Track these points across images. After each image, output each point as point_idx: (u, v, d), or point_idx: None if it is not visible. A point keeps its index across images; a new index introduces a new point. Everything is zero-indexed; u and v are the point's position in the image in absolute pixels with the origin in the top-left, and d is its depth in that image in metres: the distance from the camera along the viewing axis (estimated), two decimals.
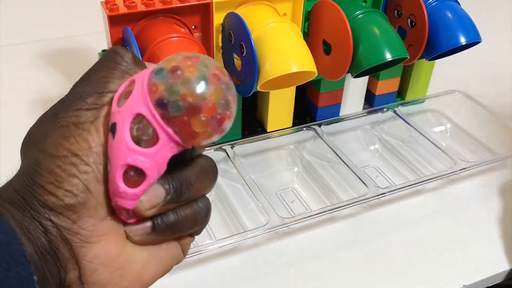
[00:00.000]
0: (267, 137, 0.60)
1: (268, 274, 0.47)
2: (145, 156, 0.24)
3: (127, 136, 0.24)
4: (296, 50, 0.49)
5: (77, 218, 0.24)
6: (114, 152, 0.25)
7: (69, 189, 0.24)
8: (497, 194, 0.57)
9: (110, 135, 0.25)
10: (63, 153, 0.24)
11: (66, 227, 0.24)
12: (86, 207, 0.24)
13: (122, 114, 0.24)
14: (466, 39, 0.54)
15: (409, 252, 0.50)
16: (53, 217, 0.24)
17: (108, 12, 0.47)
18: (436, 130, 0.67)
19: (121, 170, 0.25)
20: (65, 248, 0.24)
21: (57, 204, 0.24)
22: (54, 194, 0.24)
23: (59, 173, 0.24)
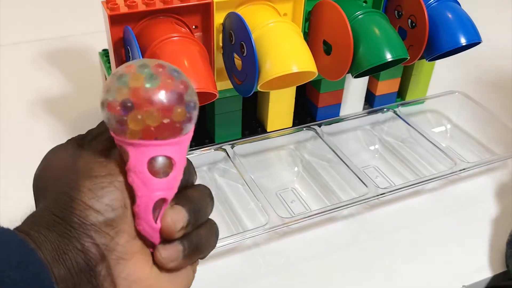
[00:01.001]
0: (267, 137, 0.60)
1: (268, 274, 0.47)
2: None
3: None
4: (296, 50, 0.49)
5: (115, 233, 0.26)
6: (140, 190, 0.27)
7: (108, 203, 0.25)
8: (497, 194, 0.57)
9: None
10: (99, 173, 0.26)
11: (105, 243, 0.25)
12: (123, 222, 0.26)
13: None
14: (467, 40, 0.54)
15: (409, 252, 0.50)
16: (93, 233, 0.25)
17: (109, 11, 0.47)
18: (436, 130, 0.67)
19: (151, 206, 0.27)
20: (102, 265, 0.25)
21: (98, 219, 0.25)
22: (95, 209, 0.25)
23: (98, 189, 0.25)
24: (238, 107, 0.59)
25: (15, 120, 0.65)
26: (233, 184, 0.56)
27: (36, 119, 0.64)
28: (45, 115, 0.65)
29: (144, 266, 0.27)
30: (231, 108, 0.58)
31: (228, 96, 0.57)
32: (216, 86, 0.47)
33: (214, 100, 0.48)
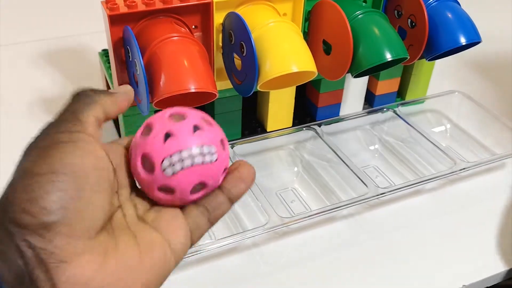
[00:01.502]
0: (267, 137, 0.60)
1: (267, 274, 0.47)
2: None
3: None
4: (296, 50, 0.49)
5: (52, 236, 0.24)
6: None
7: (44, 206, 0.24)
8: (496, 194, 0.57)
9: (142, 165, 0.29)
10: (40, 171, 0.25)
11: (41, 246, 0.24)
12: (61, 224, 0.24)
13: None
14: (466, 39, 0.54)
15: (409, 252, 0.50)
16: (28, 237, 0.24)
17: (109, 11, 0.47)
18: (436, 130, 0.67)
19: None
20: (40, 269, 0.24)
21: (33, 222, 0.24)
22: (29, 211, 0.24)
23: (35, 190, 0.24)
24: (238, 107, 0.59)
25: (15, 120, 0.65)
26: None
27: (36, 119, 0.64)
28: (45, 115, 0.65)
29: (91, 266, 0.25)
30: (231, 108, 0.58)
31: (228, 96, 0.57)
32: (216, 86, 0.47)
33: (214, 100, 0.48)
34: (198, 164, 0.29)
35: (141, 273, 0.28)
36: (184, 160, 0.29)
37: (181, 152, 0.29)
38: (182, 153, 0.29)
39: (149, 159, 0.29)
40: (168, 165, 0.29)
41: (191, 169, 0.29)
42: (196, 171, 0.29)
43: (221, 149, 0.30)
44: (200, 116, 0.31)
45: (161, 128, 0.29)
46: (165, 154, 0.29)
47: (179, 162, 0.29)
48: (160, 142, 0.29)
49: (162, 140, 0.29)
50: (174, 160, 0.29)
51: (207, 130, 0.30)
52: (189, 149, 0.29)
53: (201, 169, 0.29)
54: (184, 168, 0.29)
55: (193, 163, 0.29)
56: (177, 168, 0.29)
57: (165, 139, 0.29)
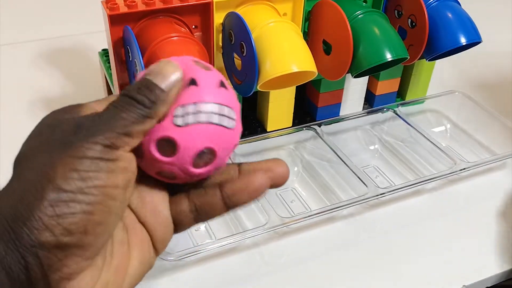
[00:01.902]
0: (267, 137, 0.60)
1: (267, 274, 0.47)
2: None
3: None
4: (296, 50, 0.49)
5: (64, 256, 0.23)
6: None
7: (67, 227, 0.23)
8: (496, 194, 0.57)
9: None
10: (71, 189, 0.23)
11: (50, 264, 0.23)
12: (78, 247, 0.24)
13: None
14: (467, 39, 0.54)
15: (409, 252, 0.50)
16: (40, 253, 0.23)
17: (109, 11, 0.47)
18: (436, 130, 0.67)
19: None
20: (42, 284, 0.23)
21: (50, 240, 0.23)
22: (50, 229, 0.23)
23: (63, 210, 0.23)
24: None
25: (15, 120, 0.65)
26: None
27: (36, 119, 0.64)
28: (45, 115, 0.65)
29: (90, 280, 0.25)
30: None
31: None
32: None
33: None
34: (213, 124, 0.25)
35: (129, 276, 0.28)
36: (200, 113, 0.24)
37: (200, 104, 0.25)
38: (200, 105, 0.25)
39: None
40: (180, 114, 0.25)
41: (204, 127, 0.25)
42: (209, 132, 0.25)
43: (239, 119, 0.27)
44: (221, 76, 0.27)
45: (186, 72, 0.25)
46: (182, 102, 0.25)
47: (193, 114, 0.24)
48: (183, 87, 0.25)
49: (185, 85, 0.25)
50: (189, 110, 0.24)
51: (231, 91, 0.26)
52: (210, 104, 0.25)
53: (215, 131, 0.25)
54: (198, 122, 0.25)
55: (209, 121, 0.25)
56: (189, 120, 0.24)
57: (188, 86, 0.25)
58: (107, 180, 0.24)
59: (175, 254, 0.44)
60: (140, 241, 0.28)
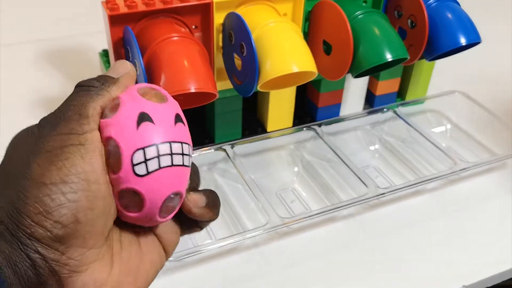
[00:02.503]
0: (267, 137, 0.60)
1: (268, 274, 0.47)
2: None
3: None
4: (296, 50, 0.49)
5: (65, 249, 0.24)
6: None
7: (58, 220, 0.23)
8: (496, 194, 0.57)
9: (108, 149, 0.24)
10: (51, 180, 0.23)
11: (55, 258, 0.24)
12: (75, 237, 0.24)
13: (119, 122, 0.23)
14: (466, 40, 0.54)
15: (409, 252, 0.50)
16: (40, 249, 0.23)
17: (109, 11, 0.47)
18: (436, 130, 0.67)
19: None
20: (53, 280, 0.24)
21: (45, 236, 0.23)
22: (42, 225, 0.23)
23: (48, 203, 0.23)
24: (238, 107, 0.59)
25: (15, 120, 0.65)
26: (233, 184, 0.56)
27: (36, 119, 0.64)
28: (45, 115, 0.65)
29: (101, 272, 0.25)
30: (231, 108, 0.58)
31: (228, 96, 0.57)
32: (216, 86, 0.47)
33: (214, 100, 0.48)
34: (177, 166, 0.22)
35: (141, 276, 0.28)
36: (162, 157, 0.22)
37: (160, 144, 0.22)
38: (160, 146, 0.22)
39: (116, 148, 0.23)
40: (141, 161, 0.22)
41: (168, 171, 0.22)
42: (174, 175, 0.22)
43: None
44: (178, 105, 0.24)
45: (132, 106, 0.22)
46: (138, 144, 0.22)
47: (155, 159, 0.22)
48: (132, 125, 0.22)
49: (135, 123, 0.22)
50: (150, 156, 0.22)
51: (186, 124, 0.23)
52: (168, 144, 0.22)
53: (179, 173, 0.22)
54: (161, 167, 0.22)
55: (173, 163, 0.22)
56: (152, 167, 0.22)
57: (139, 123, 0.22)
58: (83, 165, 0.24)
59: (175, 254, 0.44)
60: (150, 243, 0.29)
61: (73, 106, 0.26)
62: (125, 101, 0.23)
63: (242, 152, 0.58)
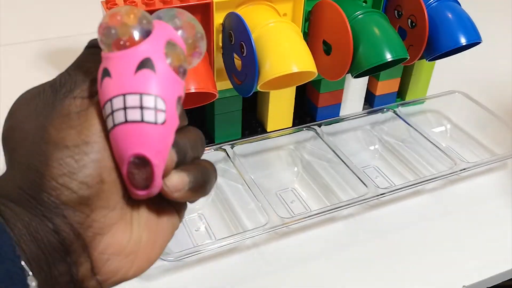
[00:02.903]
0: (267, 137, 0.60)
1: (267, 274, 0.47)
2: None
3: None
4: (296, 50, 0.49)
5: (90, 211, 0.23)
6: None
7: (83, 180, 0.23)
8: (496, 194, 0.57)
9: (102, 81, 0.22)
10: (74, 142, 0.23)
11: (79, 221, 0.23)
12: (99, 198, 0.24)
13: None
14: (467, 40, 0.54)
15: (408, 252, 0.50)
16: (65, 212, 0.23)
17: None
18: (436, 130, 0.67)
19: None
20: (77, 243, 0.23)
21: (71, 198, 0.23)
22: (68, 187, 0.23)
23: (72, 164, 0.23)
24: (238, 107, 0.59)
25: None
26: (233, 184, 0.56)
27: None
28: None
29: (124, 233, 0.25)
30: (231, 108, 0.58)
31: (228, 96, 0.57)
32: (216, 86, 0.47)
33: (214, 100, 0.48)
34: (134, 122, 0.20)
35: (160, 236, 0.27)
36: (114, 113, 0.20)
37: (113, 99, 0.20)
38: (113, 100, 0.20)
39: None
40: (106, 115, 0.21)
41: (122, 128, 0.20)
42: (132, 134, 0.20)
43: (174, 110, 0.21)
44: (168, 33, 0.21)
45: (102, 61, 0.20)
46: (102, 99, 0.21)
47: (109, 116, 0.20)
48: (100, 81, 0.21)
49: (100, 77, 0.21)
50: (107, 110, 0.21)
51: (162, 71, 0.20)
52: (123, 96, 0.20)
53: (139, 131, 0.20)
54: (115, 125, 0.20)
55: (127, 120, 0.20)
56: (109, 123, 0.21)
57: (102, 78, 0.20)
58: (103, 124, 0.24)
59: (175, 254, 0.44)
60: (165, 204, 0.28)
61: (87, 68, 0.25)
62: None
63: (242, 152, 0.58)
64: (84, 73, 0.25)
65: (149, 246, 0.27)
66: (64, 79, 0.26)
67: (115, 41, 0.21)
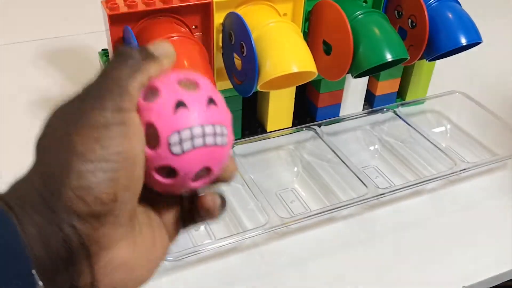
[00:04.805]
0: (267, 137, 0.60)
1: (267, 274, 0.47)
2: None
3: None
4: (296, 50, 0.48)
5: (100, 225, 0.24)
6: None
7: (98, 196, 0.24)
8: (496, 195, 0.57)
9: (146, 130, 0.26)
10: (95, 157, 0.24)
11: (88, 233, 0.24)
12: (110, 214, 0.24)
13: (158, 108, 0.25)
14: (467, 40, 0.54)
15: (408, 253, 0.50)
16: (77, 223, 0.24)
17: (109, 11, 0.47)
18: (436, 130, 0.67)
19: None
20: (82, 255, 0.24)
21: (85, 210, 0.23)
22: (84, 200, 0.23)
23: (90, 178, 0.23)
24: (238, 107, 0.59)
25: (15, 120, 0.65)
26: (233, 184, 0.56)
27: (36, 119, 0.64)
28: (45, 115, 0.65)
29: (127, 250, 0.26)
30: (231, 108, 0.57)
31: (228, 96, 0.57)
32: (215, 86, 0.47)
33: None
34: (209, 145, 0.26)
35: (156, 252, 0.29)
36: (195, 139, 0.25)
37: (193, 128, 0.25)
38: (194, 129, 0.25)
39: (154, 130, 0.25)
40: (177, 142, 0.25)
41: (200, 150, 0.25)
42: (205, 154, 0.26)
43: (231, 133, 0.27)
44: (212, 88, 0.27)
45: (170, 95, 0.25)
46: (174, 127, 0.25)
47: (189, 140, 0.25)
48: (169, 111, 0.25)
49: (172, 109, 0.25)
50: (185, 137, 0.25)
51: (221, 106, 0.27)
52: (202, 126, 0.25)
53: (211, 152, 0.26)
54: (195, 147, 0.25)
55: (205, 143, 0.25)
56: (186, 146, 0.25)
57: (176, 108, 0.25)
58: (124, 144, 0.24)
59: (175, 254, 0.44)
60: (161, 229, 0.30)
61: (114, 79, 0.26)
62: (163, 87, 0.26)
63: (241, 152, 0.58)
64: (113, 83, 0.25)
65: (148, 259, 0.28)
66: (92, 88, 0.26)
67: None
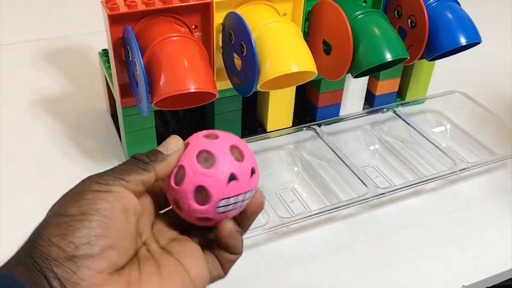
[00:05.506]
0: (267, 137, 0.60)
1: (267, 274, 0.47)
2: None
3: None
4: (296, 50, 0.49)
5: (77, 269, 0.26)
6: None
7: (71, 240, 0.26)
8: (496, 194, 0.57)
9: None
10: (72, 212, 0.27)
11: (67, 277, 0.26)
12: (85, 258, 0.26)
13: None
14: (466, 40, 0.54)
15: (408, 252, 0.50)
16: (54, 268, 0.26)
17: (109, 11, 0.47)
18: (436, 130, 0.67)
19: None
20: None
21: (59, 254, 0.26)
22: (57, 245, 0.26)
23: (65, 228, 0.27)
24: (238, 107, 0.59)
25: (15, 120, 0.65)
26: None
27: (36, 119, 0.64)
28: (45, 115, 0.65)
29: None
30: (231, 108, 0.58)
31: (228, 96, 0.57)
32: (215, 86, 0.47)
33: (214, 100, 0.48)
34: (243, 205, 0.32)
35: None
36: (237, 203, 0.31)
37: (238, 196, 0.31)
38: (239, 196, 0.31)
39: (206, 192, 0.30)
40: (224, 205, 0.31)
41: (236, 210, 0.32)
42: (236, 211, 0.32)
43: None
44: (252, 155, 0.33)
45: (227, 165, 0.31)
46: (226, 195, 0.30)
47: (232, 204, 0.31)
48: (225, 181, 0.30)
49: (226, 180, 0.30)
50: (231, 202, 0.31)
51: (257, 173, 0.33)
52: (244, 194, 0.31)
53: (241, 208, 0.32)
54: (235, 208, 0.31)
55: (241, 205, 0.32)
56: (229, 208, 0.31)
57: (229, 181, 0.30)
58: (103, 204, 0.28)
59: None
60: (173, 274, 0.31)
61: (121, 170, 0.30)
62: (220, 157, 0.31)
63: None
64: (117, 173, 0.30)
65: None
66: (106, 171, 0.30)
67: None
